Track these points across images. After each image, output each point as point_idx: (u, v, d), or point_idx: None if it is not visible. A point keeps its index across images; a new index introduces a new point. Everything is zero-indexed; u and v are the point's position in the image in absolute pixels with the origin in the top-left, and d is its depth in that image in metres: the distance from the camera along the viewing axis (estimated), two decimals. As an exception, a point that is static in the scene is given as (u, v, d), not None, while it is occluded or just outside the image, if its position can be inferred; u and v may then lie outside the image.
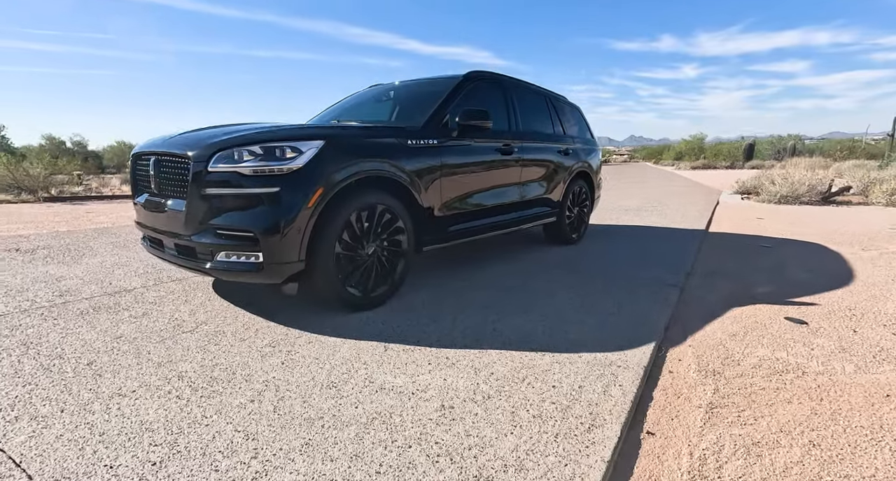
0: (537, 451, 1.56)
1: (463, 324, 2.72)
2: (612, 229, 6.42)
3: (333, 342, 2.42)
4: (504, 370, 2.16)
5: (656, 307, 3.09)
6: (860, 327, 2.79)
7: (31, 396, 1.84)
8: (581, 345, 2.44)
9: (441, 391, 1.95)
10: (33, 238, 5.14)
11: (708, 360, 2.36)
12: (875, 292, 3.48)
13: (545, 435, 1.65)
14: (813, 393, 2.03)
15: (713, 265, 4.35)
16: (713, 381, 2.15)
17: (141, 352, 2.25)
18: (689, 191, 12.74)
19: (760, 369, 2.27)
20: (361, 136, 2.89)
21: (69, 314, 2.77)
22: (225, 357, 2.22)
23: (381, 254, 2.95)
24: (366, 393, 1.92)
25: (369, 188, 2.83)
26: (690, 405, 1.95)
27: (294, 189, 2.45)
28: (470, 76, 3.87)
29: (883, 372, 2.24)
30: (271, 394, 1.88)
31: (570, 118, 5.13)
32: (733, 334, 2.70)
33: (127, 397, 1.84)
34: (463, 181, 3.48)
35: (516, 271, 3.94)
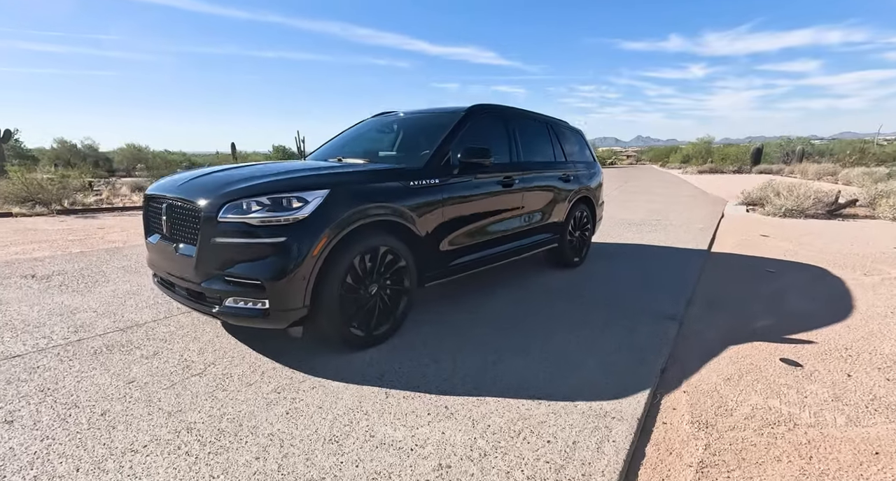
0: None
1: (463, 365, 2.79)
2: (614, 248, 6.45)
3: (336, 387, 2.50)
4: (501, 421, 2.23)
5: (654, 344, 3.14)
6: (854, 370, 2.83)
7: (49, 452, 1.93)
8: (578, 392, 2.50)
9: (439, 447, 2.02)
10: (48, 261, 5.27)
11: (701, 410, 2.41)
12: (873, 327, 3.51)
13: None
14: (803, 450, 2.08)
15: (714, 293, 4.39)
16: (705, 435, 2.20)
17: (152, 400, 2.34)
18: (693, 202, 12.72)
19: (753, 420, 2.32)
20: (364, 182, 2.96)
21: (83, 353, 2.87)
22: (232, 405, 2.31)
23: (383, 294, 3.03)
24: (366, 448, 1.99)
25: (372, 231, 2.91)
26: (682, 463, 2.01)
27: (299, 238, 2.53)
28: (473, 110, 3.94)
29: (874, 424, 2.29)
30: (276, 451, 1.96)
31: (571, 143, 5.19)
32: (728, 378, 2.75)
33: (139, 453, 1.93)
34: (464, 217, 3.55)
35: (518, 301, 4.00)
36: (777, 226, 8.44)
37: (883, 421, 2.32)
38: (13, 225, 8.31)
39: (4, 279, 4.53)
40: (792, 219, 9.43)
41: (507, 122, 4.25)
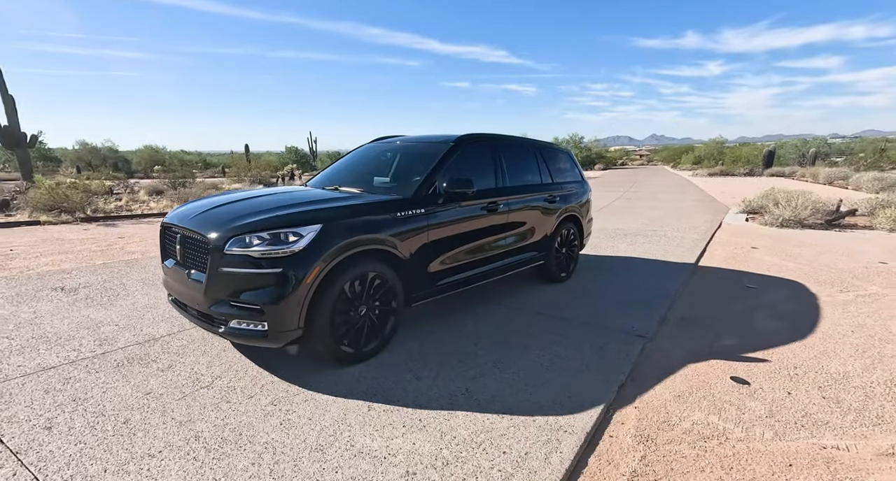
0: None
1: (441, 381, 3.13)
2: (604, 261, 6.73)
3: (325, 401, 2.85)
4: (466, 434, 2.56)
5: (619, 363, 3.44)
6: (796, 389, 3.11)
7: (82, 455, 2.31)
8: (539, 408, 2.82)
9: (408, 456, 2.36)
10: (74, 274, 5.72)
11: (647, 424, 2.72)
12: (828, 346, 3.77)
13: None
14: (726, 462, 2.39)
15: (689, 310, 4.66)
16: (644, 448, 2.51)
17: (166, 410, 2.72)
18: (695, 210, 12.88)
19: (690, 434, 2.62)
20: (354, 215, 3.30)
21: (108, 366, 3.26)
22: (234, 416, 2.68)
23: (372, 314, 3.38)
24: (346, 457, 2.34)
25: (362, 258, 3.25)
26: (617, 472, 2.32)
27: (295, 268, 2.89)
28: (460, 141, 4.28)
29: (797, 439, 2.58)
30: (269, 457, 2.32)
31: (558, 165, 5.49)
32: (679, 395, 3.05)
33: (155, 458, 2.30)
34: (449, 241, 3.88)
35: (502, 319, 4.32)
36: (771, 238, 8.62)
37: (806, 436, 2.60)
38: (41, 234, 8.85)
39: (38, 292, 4.98)
40: (789, 230, 9.58)
41: (495, 150, 4.57)
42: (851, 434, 2.63)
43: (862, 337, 3.98)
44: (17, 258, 6.65)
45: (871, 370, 3.38)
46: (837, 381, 3.22)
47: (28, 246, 7.60)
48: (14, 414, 2.68)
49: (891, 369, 3.39)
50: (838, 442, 2.55)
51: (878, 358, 3.58)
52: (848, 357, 3.60)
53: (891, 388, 3.12)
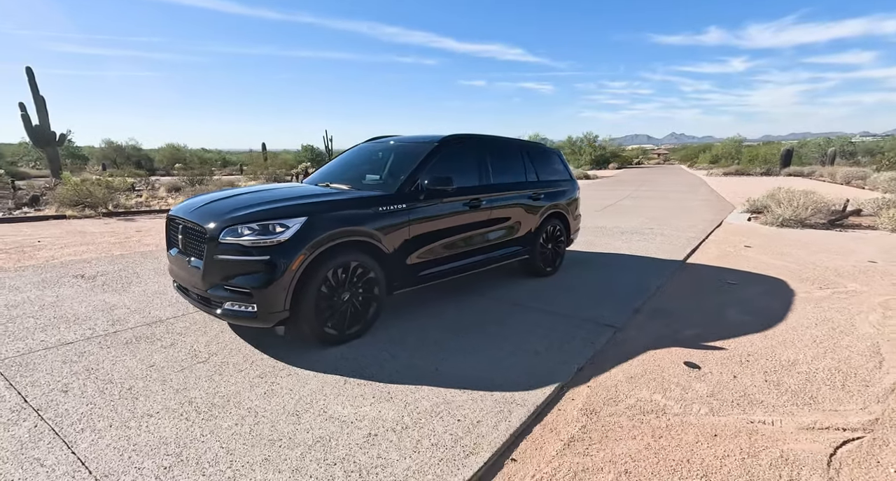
0: (420, 471, 2.27)
1: (415, 361, 3.44)
2: (594, 258, 6.96)
3: (307, 375, 3.19)
4: (427, 404, 2.86)
5: (584, 349, 3.70)
6: (742, 373, 3.34)
7: (92, 413, 2.68)
8: (500, 385, 3.11)
9: (373, 421, 2.67)
10: (94, 263, 6.18)
11: (594, 401, 2.99)
12: (787, 337, 3.98)
13: (433, 460, 2.35)
14: (657, 432, 2.65)
15: (664, 304, 4.89)
16: (586, 419, 2.78)
17: (166, 380, 3.08)
18: (700, 208, 12.95)
19: (632, 409, 2.88)
20: (338, 209, 3.62)
21: (119, 343, 3.65)
22: (225, 386, 3.02)
23: (355, 300, 3.69)
24: (318, 421, 2.66)
25: (344, 249, 3.57)
26: (556, 438, 2.60)
27: (281, 256, 3.23)
28: (445, 141, 4.57)
29: (729, 415, 2.82)
30: (251, 420, 2.65)
31: (545, 164, 5.74)
32: (631, 377, 3.30)
33: (153, 417, 2.66)
34: (430, 235, 4.18)
35: (482, 309, 4.61)
36: (768, 237, 8.72)
37: (738, 412, 2.85)
38: (66, 227, 9.41)
39: (61, 278, 5.43)
40: (788, 229, 9.64)
41: (479, 149, 4.86)
42: (781, 411, 2.86)
43: (824, 329, 4.17)
44: (44, 249, 7.15)
45: (821, 358, 3.59)
46: (784, 367, 3.44)
47: (54, 238, 8.13)
48: (36, 379, 3.07)
49: (840, 358, 3.59)
50: (766, 418, 2.79)
51: (831, 348, 3.78)
52: (803, 346, 3.80)
53: (833, 374, 3.33)
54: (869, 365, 3.50)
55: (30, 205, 12.78)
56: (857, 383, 3.22)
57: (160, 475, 2.19)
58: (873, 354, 3.68)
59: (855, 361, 3.55)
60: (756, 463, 2.40)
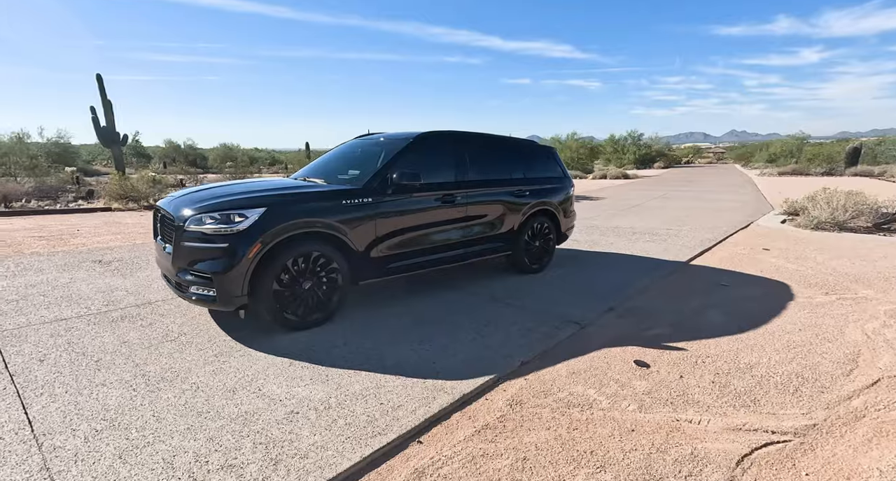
0: (323, 447, 2.39)
1: (364, 348, 3.56)
2: (591, 257, 6.85)
3: (258, 356, 3.38)
4: (358, 388, 2.98)
5: (536, 344, 3.71)
6: (692, 373, 3.26)
7: (55, 380, 2.97)
8: (435, 374, 3.19)
9: (300, 401, 2.82)
10: (115, 250, 6.71)
11: (526, 393, 3.01)
12: (760, 341, 3.82)
13: (340, 437, 2.47)
14: (573, 425, 2.65)
15: (644, 303, 4.78)
16: (509, 409, 2.82)
17: (132, 355, 3.36)
18: (733, 209, 12.38)
19: (559, 402, 2.89)
20: (299, 201, 3.80)
21: (105, 321, 3.99)
22: (181, 363, 3.26)
23: (317, 289, 3.86)
24: (250, 397, 2.84)
25: (306, 239, 3.75)
26: (471, 425, 2.66)
27: (239, 244, 3.44)
28: (420, 137, 4.68)
29: (657, 413, 2.78)
30: (190, 393, 2.86)
31: (534, 162, 5.72)
32: (574, 372, 3.29)
33: (106, 387, 2.92)
34: (398, 229, 4.30)
35: (453, 302, 4.68)
36: (795, 240, 8.26)
37: (668, 411, 2.80)
38: (107, 218, 10.19)
39: (81, 263, 5.94)
40: (823, 233, 9.07)
41: (457, 146, 4.93)
42: (714, 412, 2.79)
43: (806, 335, 3.97)
44: (80, 236, 7.81)
45: (786, 363, 3.43)
46: (739, 370, 3.32)
47: (92, 227, 8.84)
48: (22, 349, 3.42)
49: (807, 364, 3.43)
50: (695, 417, 2.73)
51: (803, 353, 3.60)
52: (772, 351, 3.65)
53: (790, 379, 3.19)
54: (837, 372, 3.33)
55: (85, 198, 13.89)
56: (813, 389, 3.08)
57: (89, 436, 2.42)
58: (848, 362, 3.48)
59: (823, 367, 3.39)
60: (661, 458, 2.37)
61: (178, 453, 2.30)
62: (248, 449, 2.35)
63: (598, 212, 12.12)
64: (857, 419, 2.76)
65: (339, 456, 2.31)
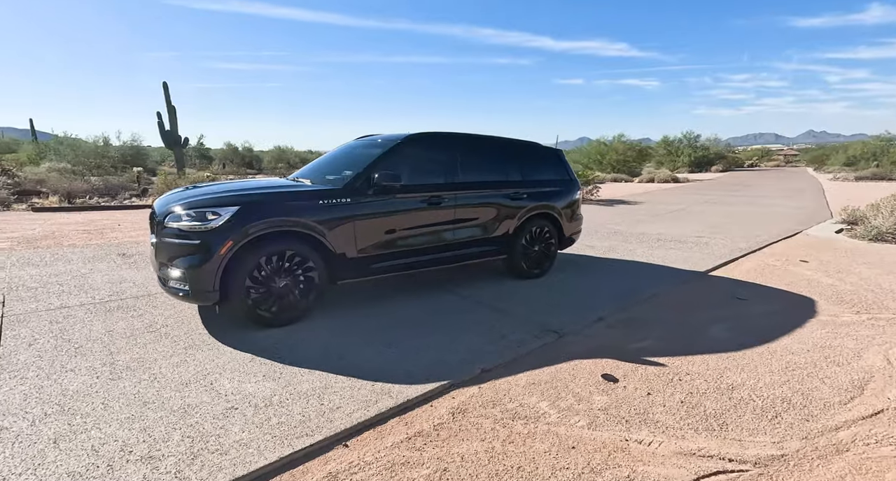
0: (246, 444, 2.40)
1: (328, 347, 3.57)
2: (602, 263, 6.55)
3: (225, 351, 3.46)
4: (307, 387, 2.98)
5: (505, 351, 3.58)
6: (662, 391, 3.03)
7: (32, 364, 3.17)
8: (388, 376, 3.13)
9: (244, 397, 2.85)
10: (141, 244, 7.12)
11: (475, 401, 2.90)
12: (755, 360, 3.51)
13: (267, 436, 2.46)
14: (510, 437, 2.52)
15: (640, 314, 4.51)
16: (450, 417, 2.72)
17: (110, 344, 3.53)
18: (783, 217, 11.49)
19: (505, 414, 2.76)
20: (274, 201, 3.87)
21: (102, 310, 4.22)
22: (151, 353, 3.39)
23: (293, 287, 3.91)
24: (199, 391, 2.90)
25: (280, 237, 3.81)
26: (404, 431, 2.59)
27: (211, 241, 3.54)
28: (410, 139, 4.66)
29: (607, 431, 2.59)
30: (146, 384, 2.96)
31: (535, 164, 5.55)
32: (534, 383, 3.14)
33: (74, 372, 3.08)
34: (380, 230, 4.28)
35: (436, 306, 4.60)
36: (843, 252, 7.55)
37: (620, 429, 2.60)
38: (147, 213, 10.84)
39: (106, 255, 6.34)
40: (884, 245, 8.23)
41: (448, 147, 4.85)
42: (671, 434, 2.57)
43: (813, 356, 3.61)
44: (116, 231, 8.36)
45: (777, 386, 3.13)
46: (718, 390, 3.05)
47: (132, 223, 9.44)
48: (19, 333, 3.68)
49: (803, 388, 3.11)
50: (647, 438, 2.53)
51: (802, 377, 3.27)
52: (766, 372, 3.33)
53: (773, 404, 2.90)
54: (834, 399, 2.99)
55: (139, 195, 14.90)
56: (796, 416, 2.78)
57: (37, 420, 2.55)
58: (852, 389, 3.13)
59: (819, 393, 3.06)
60: (592, 479, 2.21)
61: (108, 441, 2.38)
62: (175, 442, 2.39)
63: (629, 217, 11.62)
64: (838, 453, 2.47)
65: (258, 455, 2.31)
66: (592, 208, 13.55)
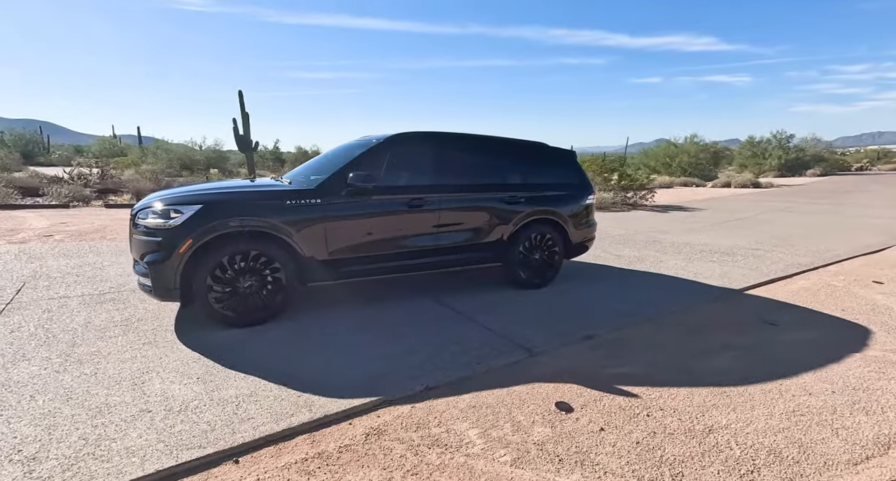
0: (136, 453, 2.29)
1: (276, 353, 3.41)
2: (621, 274, 5.97)
3: (179, 349, 3.42)
4: (232, 394, 2.85)
5: (465, 367, 3.28)
6: (620, 428, 2.60)
7: (5, 349, 3.31)
8: (323, 387, 2.94)
9: (165, 399, 2.77)
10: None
11: (399, 422, 2.63)
12: (757, 399, 2.95)
13: (160, 444, 2.34)
14: (415, 468, 2.24)
15: (639, 334, 4.01)
16: (362, 438, 2.47)
17: (80, 335, 3.62)
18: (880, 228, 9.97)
19: (425, 439, 2.47)
20: (242, 200, 3.81)
21: (95, 302, 4.39)
22: (109, 347, 3.43)
23: (259, 287, 3.84)
24: (126, 390, 2.85)
25: (245, 237, 3.74)
26: (305, 450, 2.37)
27: (172, 239, 3.54)
28: (391, 139, 4.46)
29: (531, 469, 2.24)
30: (84, 379, 2.96)
31: (539, 166, 5.14)
32: (475, 406, 2.82)
33: (28, 362, 3.16)
34: (354, 232, 4.11)
35: (415, 311, 4.37)
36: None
37: (546, 470, 2.24)
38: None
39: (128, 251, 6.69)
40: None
41: (433, 148, 4.59)
42: (608, 477, 2.17)
43: (837, 400, 2.99)
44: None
45: (769, 434, 2.59)
46: (688, 433, 2.57)
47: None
48: (11, 320, 3.88)
49: (801, 439, 2.55)
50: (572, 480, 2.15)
51: (809, 425, 2.70)
52: (763, 415, 2.78)
53: (754, 456, 2.39)
54: (842, 457, 2.42)
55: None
56: (777, 474, 2.27)
57: (-30, 406, 2.62)
58: (873, 446, 2.53)
59: (824, 448, 2.49)
60: (475, 534, 1.88)
61: (7, 437, 2.37)
62: (68, 444, 2.33)
63: (681, 225, 10.65)
64: (816, 529, 1.95)
65: (138, 466, 2.20)
66: (640, 214, 12.64)
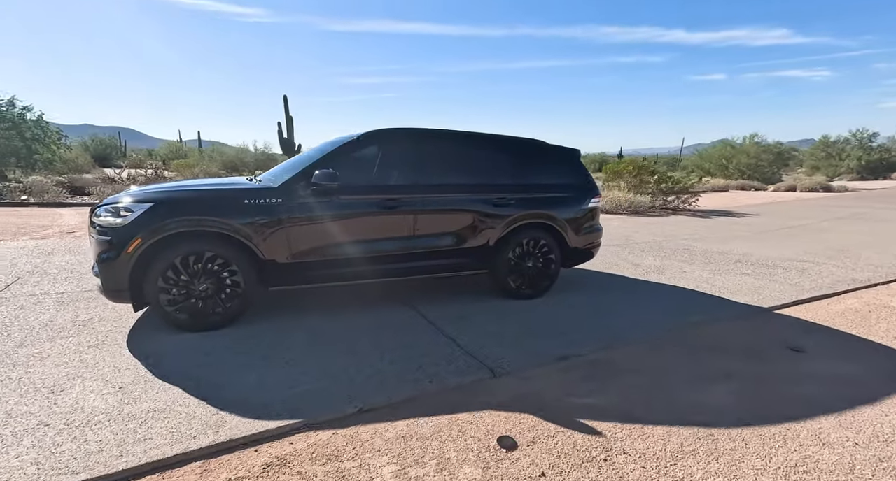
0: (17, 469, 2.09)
1: (211, 363, 3.15)
2: (633, 285, 5.40)
3: (119, 353, 3.25)
4: (146, 407, 2.60)
5: (412, 387, 2.93)
6: (563, 473, 2.16)
7: (-43, 348, 3.27)
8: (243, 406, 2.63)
9: (72, 411, 2.51)
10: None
11: (310, 451, 2.30)
12: (742, 446, 2.43)
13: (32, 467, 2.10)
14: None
15: (628, 356, 3.51)
16: (261, 470, 2.16)
17: (37, 334, 3.52)
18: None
19: (333, 475, 2.13)
20: (190, 199, 3.62)
21: (68, 300, 4.34)
22: (55, 349, 3.29)
23: (215, 291, 3.64)
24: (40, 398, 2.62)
25: (198, 238, 3.55)
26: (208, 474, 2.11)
27: (120, 238, 3.39)
28: (367, 135, 4.16)
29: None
30: (7, 383, 2.83)
31: (535, 166, 4.69)
32: (405, 435, 2.46)
33: (-27, 359, 3.10)
34: (319, 234, 3.84)
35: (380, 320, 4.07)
36: None
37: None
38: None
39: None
40: None
41: (412, 146, 4.26)
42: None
43: (859, 455, 2.41)
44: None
45: (748, 495, 2.07)
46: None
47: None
48: (-18, 316, 3.89)
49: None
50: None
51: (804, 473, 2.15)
52: (749, 468, 2.26)
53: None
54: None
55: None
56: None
57: None
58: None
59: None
60: None
61: None
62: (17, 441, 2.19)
63: (722, 231, 9.74)
64: None
65: None
66: (678, 220, 11.75)
